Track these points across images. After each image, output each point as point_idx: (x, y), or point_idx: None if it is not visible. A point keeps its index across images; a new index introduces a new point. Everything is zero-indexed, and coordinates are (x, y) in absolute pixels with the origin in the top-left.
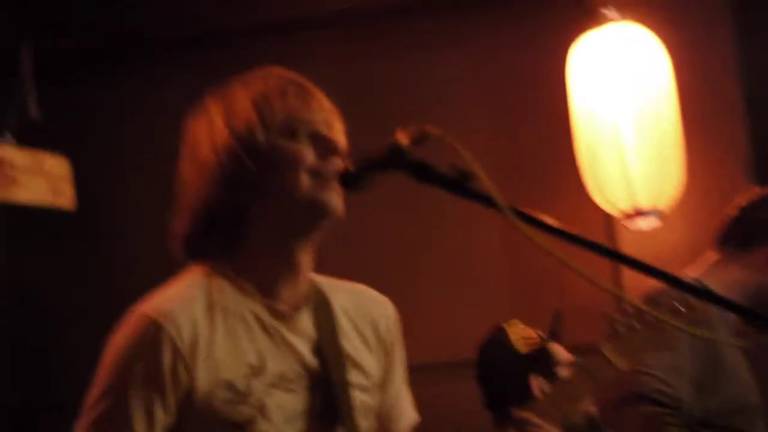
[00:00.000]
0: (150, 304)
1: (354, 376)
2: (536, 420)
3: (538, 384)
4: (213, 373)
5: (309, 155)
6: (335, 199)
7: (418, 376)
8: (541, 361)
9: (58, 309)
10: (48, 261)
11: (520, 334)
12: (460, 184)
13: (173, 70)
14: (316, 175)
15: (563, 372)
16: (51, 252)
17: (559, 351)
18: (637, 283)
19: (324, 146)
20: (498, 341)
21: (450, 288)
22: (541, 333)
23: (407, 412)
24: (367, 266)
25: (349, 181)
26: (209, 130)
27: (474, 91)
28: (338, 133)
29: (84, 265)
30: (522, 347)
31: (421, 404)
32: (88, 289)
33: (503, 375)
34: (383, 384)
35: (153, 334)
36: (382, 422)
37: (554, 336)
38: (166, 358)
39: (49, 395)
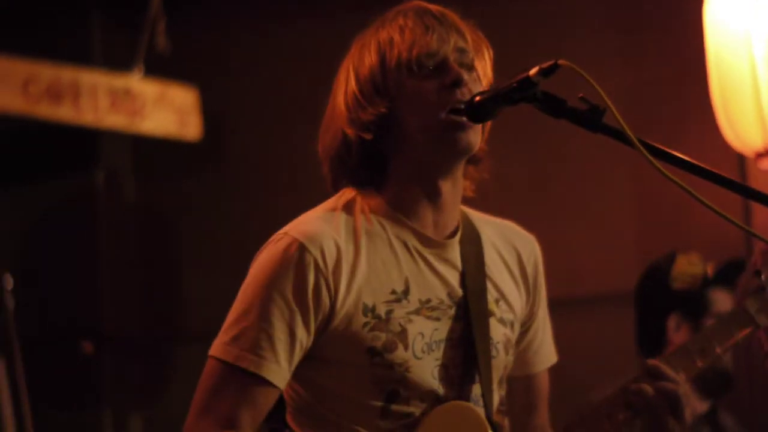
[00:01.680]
0: (295, 227)
1: (498, 309)
2: (671, 374)
3: (674, 325)
4: (354, 297)
5: (431, 91)
6: (464, 135)
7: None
8: (691, 304)
9: (187, 239)
10: (175, 191)
11: (686, 269)
12: (591, 118)
13: (300, 4)
14: (440, 109)
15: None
16: (178, 182)
17: (722, 302)
18: None
19: (449, 77)
20: (659, 269)
21: (577, 223)
22: (709, 275)
23: (547, 352)
24: (494, 200)
25: (476, 112)
26: (345, 78)
27: (607, 28)
28: (476, 59)
29: (212, 194)
30: (679, 282)
31: None
32: (217, 218)
33: (648, 306)
34: (526, 321)
35: (298, 255)
36: (524, 359)
37: (725, 283)
38: (310, 278)
39: (180, 325)
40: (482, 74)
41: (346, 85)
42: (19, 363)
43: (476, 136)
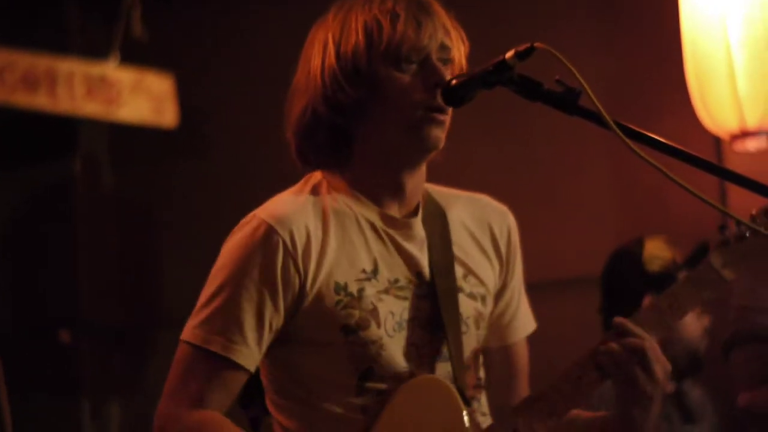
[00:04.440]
0: (264, 209)
1: (467, 283)
2: (637, 329)
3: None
4: (325, 276)
5: (414, 87)
6: (435, 133)
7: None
8: (665, 286)
9: (163, 225)
10: (152, 178)
11: (656, 253)
12: (567, 101)
13: None
14: (420, 107)
15: None
16: (155, 169)
17: None
18: (744, 203)
19: (431, 76)
20: (631, 252)
21: (555, 206)
22: (678, 259)
23: (525, 321)
24: (472, 184)
25: (452, 96)
26: (322, 47)
27: (582, 11)
28: (457, 52)
29: (190, 181)
30: (652, 265)
31: None
32: (195, 205)
33: (622, 287)
34: (500, 292)
35: (266, 236)
36: (499, 330)
37: (692, 265)
38: (279, 260)
39: (158, 313)
40: (458, 67)
41: (323, 56)
42: None
43: (443, 133)
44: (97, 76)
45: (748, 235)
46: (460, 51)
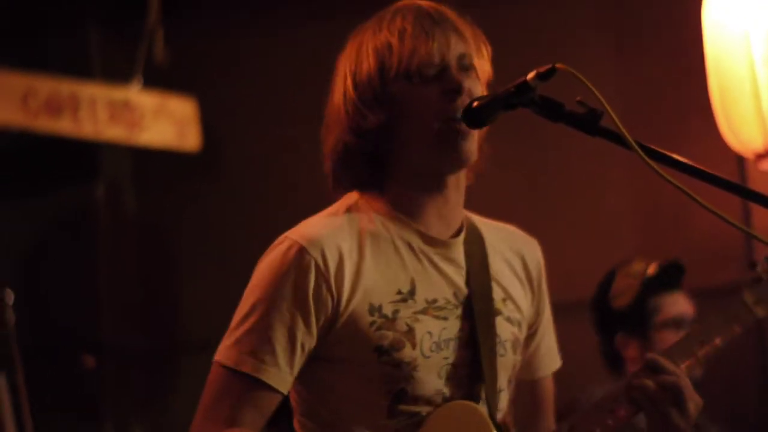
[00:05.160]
0: (296, 230)
1: (505, 307)
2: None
3: (623, 343)
4: (360, 298)
5: (431, 97)
6: (462, 145)
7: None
8: (632, 320)
9: (186, 249)
10: (175, 202)
11: (623, 284)
12: (588, 121)
13: (296, 12)
14: (440, 118)
15: (668, 332)
16: (178, 193)
17: (671, 305)
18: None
19: (447, 84)
20: (600, 289)
21: (577, 226)
22: (650, 273)
23: (553, 356)
24: (494, 204)
25: (474, 117)
26: (342, 79)
27: (603, 30)
28: (476, 57)
29: (212, 205)
30: (615, 300)
31: None
32: (218, 228)
33: (597, 328)
34: (532, 323)
35: (298, 257)
36: (527, 363)
37: (668, 286)
38: (311, 281)
39: (180, 336)
40: (481, 72)
41: (344, 88)
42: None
43: (474, 144)
44: (120, 100)
45: None
46: (482, 54)
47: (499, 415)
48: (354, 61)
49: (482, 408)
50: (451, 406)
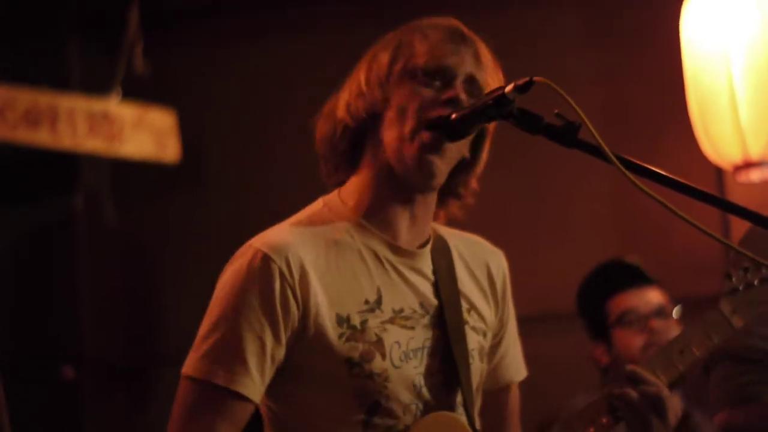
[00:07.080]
0: (259, 238)
1: (470, 317)
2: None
3: (600, 353)
4: (326, 308)
5: (425, 99)
6: (430, 157)
7: (522, 328)
8: (593, 326)
9: (166, 261)
10: (155, 214)
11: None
12: (567, 134)
13: (275, 24)
14: (424, 120)
15: (623, 331)
16: (158, 205)
17: (618, 303)
18: None
19: (447, 94)
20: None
21: (554, 238)
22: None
23: (518, 366)
24: (472, 216)
25: (452, 129)
26: (357, 69)
27: (582, 42)
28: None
29: (192, 217)
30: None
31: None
32: (198, 240)
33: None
34: (497, 333)
35: (262, 265)
36: (492, 373)
37: (620, 286)
38: (276, 288)
39: (161, 349)
40: None
41: (357, 76)
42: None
43: (443, 164)
44: (99, 112)
45: (756, 283)
46: (489, 81)
47: (477, 423)
48: (380, 49)
49: (461, 417)
50: (432, 418)
